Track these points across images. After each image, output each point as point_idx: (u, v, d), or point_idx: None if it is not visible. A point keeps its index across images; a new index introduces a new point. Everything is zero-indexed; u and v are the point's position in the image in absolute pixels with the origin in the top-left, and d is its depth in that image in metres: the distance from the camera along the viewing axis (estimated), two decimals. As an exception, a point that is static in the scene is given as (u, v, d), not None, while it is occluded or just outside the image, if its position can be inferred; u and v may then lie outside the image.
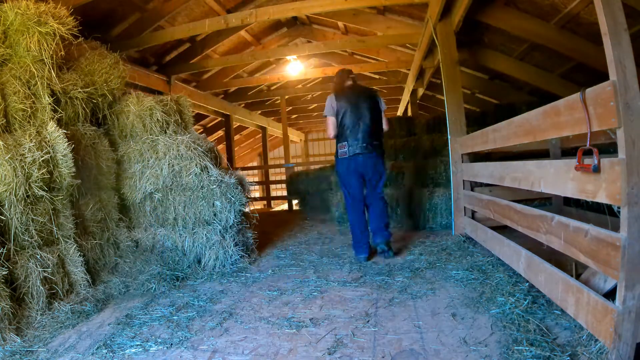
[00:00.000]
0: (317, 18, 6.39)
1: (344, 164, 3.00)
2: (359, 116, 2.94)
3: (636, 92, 1.26)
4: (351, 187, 3.06)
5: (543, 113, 1.78)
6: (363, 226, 3.08)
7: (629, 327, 1.27)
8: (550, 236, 1.77)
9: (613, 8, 1.30)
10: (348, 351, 1.70)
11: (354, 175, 3.01)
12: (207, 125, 10.02)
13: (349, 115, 2.93)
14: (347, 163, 2.99)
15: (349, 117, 2.93)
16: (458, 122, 3.58)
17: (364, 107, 2.96)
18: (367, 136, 2.94)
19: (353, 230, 3.12)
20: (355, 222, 3.08)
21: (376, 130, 3.01)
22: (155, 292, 2.62)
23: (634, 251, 1.25)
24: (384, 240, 3.03)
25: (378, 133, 3.03)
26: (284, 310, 2.21)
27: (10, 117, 2.51)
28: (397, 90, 8.89)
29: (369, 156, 2.96)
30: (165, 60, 6.06)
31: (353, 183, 3.02)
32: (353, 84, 3.15)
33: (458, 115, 3.59)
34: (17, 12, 2.56)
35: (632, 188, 1.24)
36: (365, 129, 2.94)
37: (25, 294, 2.22)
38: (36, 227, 2.40)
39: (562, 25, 3.62)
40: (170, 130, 3.40)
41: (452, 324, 1.88)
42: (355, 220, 3.07)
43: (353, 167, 2.99)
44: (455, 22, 3.56)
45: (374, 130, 2.99)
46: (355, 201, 3.08)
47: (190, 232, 3.15)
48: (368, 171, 2.99)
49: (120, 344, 1.88)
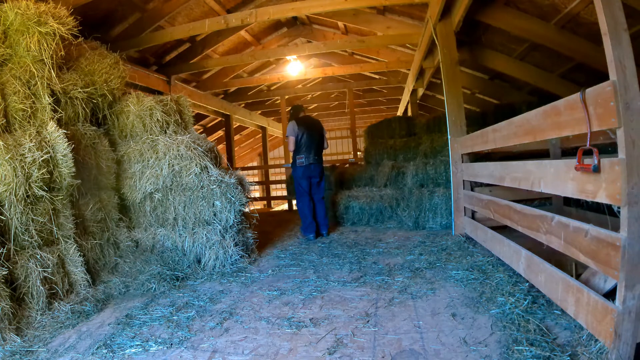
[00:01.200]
0: (317, 18, 6.39)
1: (301, 170, 4.18)
2: (312, 138, 4.16)
3: (636, 92, 1.26)
4: (303, 186, 4.24)
5: (543, 113, 1.78)
6: (311, 215, 4.21)
7: (629, 327, 1.27)
8: (550, 236, 1.77)
9: (613, 8, 1.31)
10: (348, 351, 1.70)
11: (306, 178, 4.20)
12: (207, 125, 10.02)
13: (306, 137, 4.14)
14: (303, 169, 4.16)
15: (306, 138, 4.14)
16: (458, 122, 3.58)
17: (315, 132, 4.21)
18: (316, 151, 4.19)
19: (303, 217, 4.22)
20: (305, 210, 4.21)
21: (321, 148, 4.31)
22: (155, 292, 2.62)
23: (634, 251, 1.25)
24: (326, 230, 4.34)
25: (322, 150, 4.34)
26: (284, 310, 2.21)
27: (10, 117, 2.51)
28: (397, 90, 8.89)
29: (317, 165, 4.21)
30: (165, 60, 6.07)
31: (304, 183, 4.22)
32: (305, 115, 4.39)
33: (458, 115, 3.59)
34: (17, 12, 2.56)
35: (632, 188, 1.24)
36: (315, 147, 4.18)
37: (25, 294, 2.22)
38: (36, 227, 2.40)
39: (562, 25, 3.62)
40: (170, 130, 3.40)
41: (452, 324, 1.88)
42: (305, 209, 4.22)
43: (307, 173, 4.18)
44: (455, 22, 3.56)
45: (321, 147, 4.28)
46: (305, 196, 4.25)
47: (190, 232, 3.15)
48: (316, 175, 4.23)
49: (120, 344, 1.88)
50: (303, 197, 4.24)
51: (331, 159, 15.40)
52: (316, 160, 4.19)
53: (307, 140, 4.12)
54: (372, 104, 11.47)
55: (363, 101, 10.93)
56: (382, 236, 4.07)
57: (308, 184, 4.24)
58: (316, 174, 4.22)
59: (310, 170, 4.17)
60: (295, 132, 4.13)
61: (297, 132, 4.12)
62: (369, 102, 11.13)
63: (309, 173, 4.19)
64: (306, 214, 4.22)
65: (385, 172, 5.18)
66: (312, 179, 4.23)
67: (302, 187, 4.23)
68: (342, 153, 16.08)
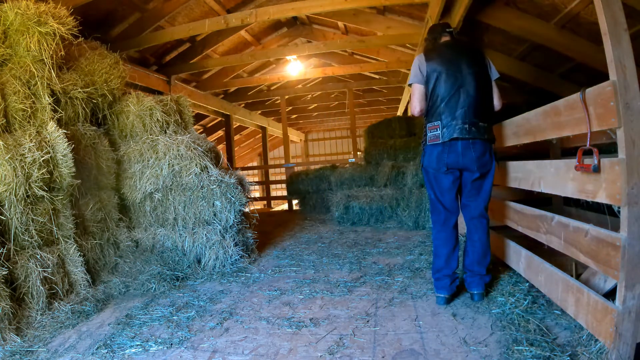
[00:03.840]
0: (317, 18, 6.38)
1: (435, 153, 2.08)
2: (460, 84, 2.03)
3: (636, 92, 1.26)
4: (442, 191, 2.12)
5: (543, 113, 1.78)
6: (451, 249, 2.12)
7: (629, 327, 1.27)
8: (550, 236, 1.77)
9: (613, 8, 1.31)
10: (348, 351, 1.70)
11: (448, 170, 2.08)
12: (207, 125, 10.01)
13: (444, 83, 2.03)
14: (439, 151, 2.06)
15: (445, 86, 2.03)
16: (458, 122, 3.57)
17: (467, 72, 2.05)
18: (471, 113, 2.02)
19: (436, 254, 2.16)
20: (441, 243, 2.13)
21: (484, 105, 2.10)
22: (155, 292, 2.62)
23: (634, 251, 1.25)
24: (481, 291, 2.11)
25: (487, 110, 2.12)
26: (284, 310, 2.21)
27: (10, 117, 2.51)
28: (397, 90, 8.89)
29: (474, 143, 2.03)
30: (165, 60, 6.06)
31: (446, 185, 2.10)
32: (451, 39, 2.23)
33: (458, 115, 3.58)
34: (17, 12, 2.56)
35: (632, 188, 1.24)
36: (469, 102, 2.02)
37: (25, 294, 2.22)
38: (36, 227, 2.40)
39: (562, 25, 3.62)
40: (170, 130, 3.40)
41: (452, 323, 1.88)
42: (441, 242, 2.13)
43: (451, 159, 2.05)
44: (455, 22, 3.55)
45: (482, 105, 2.07)
46: (445, 213, 2.13)
47: (190, 232, 3.15)
48: (471, 163, 2.04)
49: (120, 344, 1.88)
50: (444, 219, 2.13)
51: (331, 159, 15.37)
52: (471, 131, 2.01)
53: (449, 89, 2.03)
54: (372, 104, 11.46)
55: (363, 101, 10.93)
56: (382, 236, 4.07)
57: (455, 188, 2.12)
58: (471, 160, 2.03)
59: (457, 154, 2.04)
60: (422, 74, 2.09)
61: (426, 73, 2.08)
62: (369, 102, 11.12)
63: (454, 159, 2.05)
64: (439, 249, 2.14)
65: (385, 172, 5.18)
66: (465, 173, 2.10)
67: (437, 193, 2.14)
68: (342, 153, 16.09)
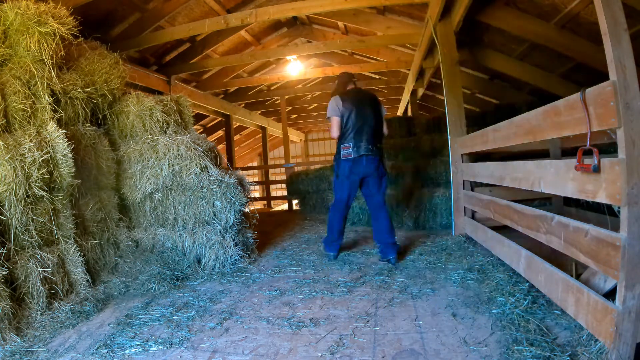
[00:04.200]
0: (317, 18, 6.38)
1: (347, 166, 2.99)
2: (364, 119, 2.95)
3: (636, 92, 1.26)
4: (344, 190, 3.06)
5: (543, 113, 1.78)
6: (341, 229, 3.18)
7: (629, 327, 1.27)
8: (550, 236, 1.77)
9: (613, 8, 1.31)
10: (348, 351, 1.70)
11: (354, 177, 3.01)
12: (207, 125, 10.01)
13: (354, 117, 2.94)
14: (351, 165, 2.97)
15: (355, 119, 2.94)
16: (458, 122, 3.58)
17: (369, 111, 2.99)
18: (371, 139, 2.96)
19: (330, 228, 3.18)
20: (334, 221, 3.14)
21: (379, 133, 3.05)
22: (155, 292, 2.62)
23: (634, 251, 1.25)
24: (395, 255, 2.96)
25: (380, 136, 3.08)
26: (284, 310, 2.21)
27: (10, 117, 2.51)
28: (397, 90, 8.89)
29: (373, 158, 2.97)
30: (165, 60, 6.06)
31: (349, 185, 3.03)
32: (355, 87, 3.20)
33: (458, 115, 3.59)
34: (17, 12, 2.56)
35: (632, 188, 1.24)
36: (370, 132, 2.96)
37: (25, 294, 2.22)
38: (36, 227, 2.40)
39: (562, 25, 3.62)
40: (170, 130, 3.40)
41: (452, 324, 1.88)
42: (335, 219, 3.14)
43: (357, 170, 2.98)
44: (455, 22, 3.56)
45: (378, 133, 3.03)
46: (342, 203, 3.11)
47: (190, 232, 3.15)
48: (371, 172, 2.99)
49: (120, 344, 1.88)
50: (338, 203, 3.12)
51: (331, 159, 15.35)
52: (371, 150, 2.95)
53: (357, 122, 2.93)
54: (372, 104, 11.45)
55: (363, 101, 10.92)
56: (382, 236, 4.06)
57: (355, 186, 3.06)
58: (371, 170, 2.98)
59: (362, 166, 2.96)
60: (338, 110, 2.98)
61: (341, 110, 2.97)
62: (369, 102, 11.11)
63: (359, 170, 2.98)
64: (333, 225, 3.15)
65: (385, 172, 5.17)
66: (367, 179, 3.04)
67: (343, 191, 3.06)
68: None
